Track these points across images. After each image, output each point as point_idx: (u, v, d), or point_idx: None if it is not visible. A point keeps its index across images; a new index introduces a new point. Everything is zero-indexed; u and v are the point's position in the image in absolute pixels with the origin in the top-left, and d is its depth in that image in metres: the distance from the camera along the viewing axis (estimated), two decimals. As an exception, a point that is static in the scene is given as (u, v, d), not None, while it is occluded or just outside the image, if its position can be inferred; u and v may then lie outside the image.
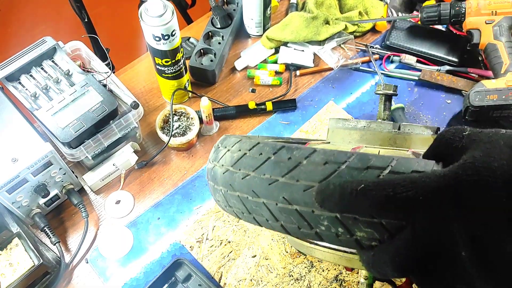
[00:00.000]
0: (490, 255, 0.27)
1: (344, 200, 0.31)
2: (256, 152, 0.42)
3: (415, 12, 1.08)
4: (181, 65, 0.85)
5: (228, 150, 0.46)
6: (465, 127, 0.33)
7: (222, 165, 0.46)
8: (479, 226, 0.27)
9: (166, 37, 0.76)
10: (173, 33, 0.76)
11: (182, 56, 0.84)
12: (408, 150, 0.55)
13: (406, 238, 0.30)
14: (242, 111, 0.92)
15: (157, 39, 0.76)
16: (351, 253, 0.46)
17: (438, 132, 0.34)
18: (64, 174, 0.76)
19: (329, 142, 0.60)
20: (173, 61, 0.82)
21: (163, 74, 0.85)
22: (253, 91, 0.97)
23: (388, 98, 0.63)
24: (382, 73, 0.98)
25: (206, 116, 0.86)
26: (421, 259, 0.30)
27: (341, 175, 0.35)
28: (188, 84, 0.93)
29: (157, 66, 0.84)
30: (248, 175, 0.41)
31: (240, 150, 0.44)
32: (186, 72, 0.89)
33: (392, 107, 0.91)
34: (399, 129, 0.56)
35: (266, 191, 0.39)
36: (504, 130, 0.31)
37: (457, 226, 0.28)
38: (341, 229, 0.35)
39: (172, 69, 0.84)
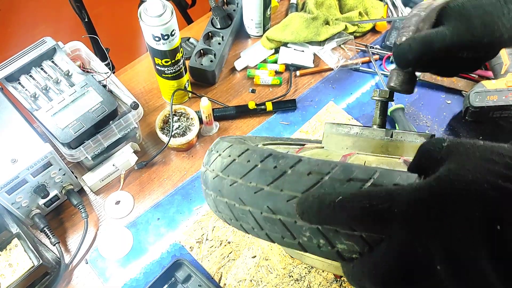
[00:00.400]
0: (464, 270, 0.27)
1: (322, 212, 0.31)
2: (244, 159, 0.42)
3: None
4: (180, 65, 0.85)
5: (219, 155, 0.46)
6: (445, 137, 0.32)
7: (213, 170, 0.46)
8: (453, 240, 0.27)
9: (166, 37, 0.76)
10: (173, 33, 0.76)
11: (182, 56, 0.84)
12: (400, 158, 0.54)
13: (383, 251, 0.30)
14: (242, 112, 0.92)
15: (157, 39, 0.76)
16: None
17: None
18: (64, 174, 0.76)
19: (323, 147, 0.60)
20: (172, 61, 0.82)
21: (162, 75, 0.85)
22: (253, 91, 0.97)
23: (384, 104, 0.63)
24: (382, 73, 0.98)
25: (206, 117, 0.85)
26: (398, 272, 0.29)
27: (323, 187, 0.35)
28: (188, 85, 0.93)
29: (157, 66, 0.84)
30: (235, 182, 0.42)
31: (230, 155, 0.44)
32: (185, 73, 0.89)
33: (392, 108, 0.91)
34: (391, 136, 0.56)
35: (252, 199, 0.39)
36: (482, 141, 0.30)
37: (432, 239, 0.27)
38: (322, 241, 0.35)
39: (172, 69, 0.84)
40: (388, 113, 0.91)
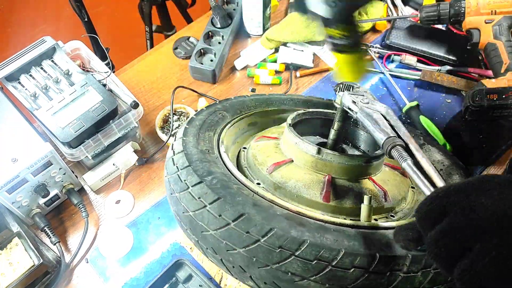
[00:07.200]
0: None
1: None
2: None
3: (414, 12, 1.08)
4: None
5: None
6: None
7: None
8: None
9: None
10: None
11: None
12: (325, 176, 0.58)
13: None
14: (242, 111, 0.92)
15: None
16: None
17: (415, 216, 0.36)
18: (64, 174, 0.76)
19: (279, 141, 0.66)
20: None
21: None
22: (253, 90, 0.97)
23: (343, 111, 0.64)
24: (382, 73, 0.98)
25: (206, 116, 0.85)
26: None
27: None
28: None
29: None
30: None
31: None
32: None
33: (407, 106, 0.90)
34: (319, 154, 0.58)
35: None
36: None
37: None
38: None
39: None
40: (403, 111, 0.92)
